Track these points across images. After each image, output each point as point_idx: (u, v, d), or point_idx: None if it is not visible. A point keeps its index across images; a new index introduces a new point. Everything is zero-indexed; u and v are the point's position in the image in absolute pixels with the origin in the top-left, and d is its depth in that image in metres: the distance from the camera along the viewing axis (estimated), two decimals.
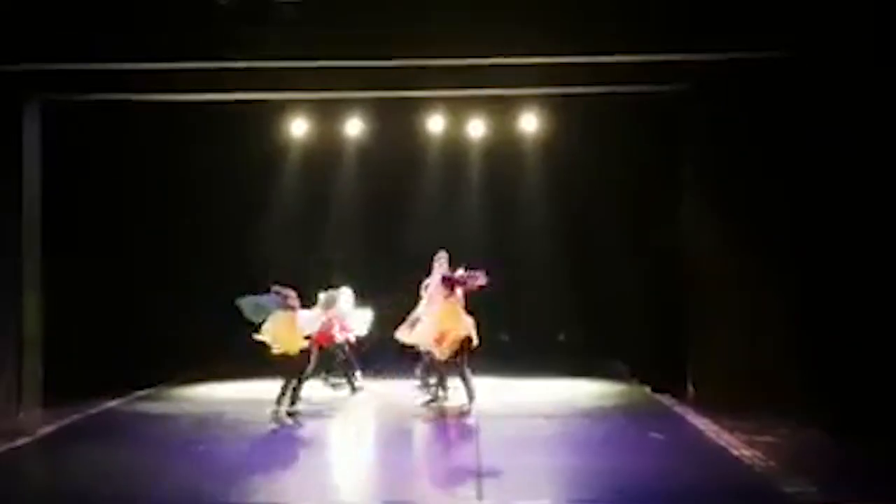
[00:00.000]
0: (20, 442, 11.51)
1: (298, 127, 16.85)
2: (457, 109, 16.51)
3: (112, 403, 13.68)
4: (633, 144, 16.04)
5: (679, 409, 13.07)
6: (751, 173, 12.99)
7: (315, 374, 14.51)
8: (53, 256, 13.80)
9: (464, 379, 12.84)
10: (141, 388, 14.59)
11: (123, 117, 14.95)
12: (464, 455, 11.31)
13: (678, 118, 14.01)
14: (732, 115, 13.07)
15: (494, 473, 10.30)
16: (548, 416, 12.81)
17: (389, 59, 11.94)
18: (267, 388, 14.82)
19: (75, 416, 12.79)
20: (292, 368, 12.70)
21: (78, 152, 14.78)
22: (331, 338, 14.07)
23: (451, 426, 12.80)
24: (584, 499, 9.43)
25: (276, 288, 12.88)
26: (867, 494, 8.86)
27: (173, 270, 16.55)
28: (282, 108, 16.54)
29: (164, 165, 16.32)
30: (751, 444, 10.75)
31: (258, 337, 12.67)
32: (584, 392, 13.93)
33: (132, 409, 13.60)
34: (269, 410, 12.56)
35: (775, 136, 12.86)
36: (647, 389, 14.49)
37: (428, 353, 13.39)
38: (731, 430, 11.42)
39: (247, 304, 12.93)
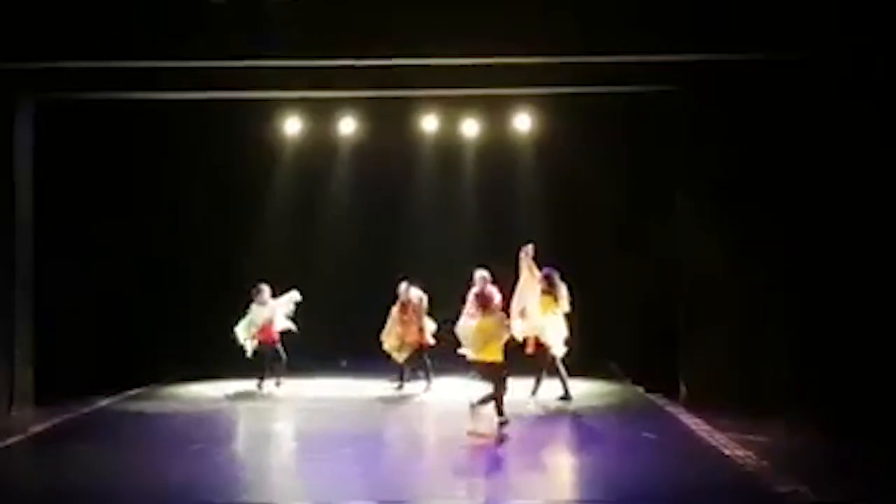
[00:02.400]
0: (12, 441, 11.51)
1: (292, 126, 16.83)
2: (451, 109, 16.50)
3: (104, 402, 13.68)
4: (625, 145, 16.03)
5: (672, 408, 13.09)
6: (743, 175, 13.00)
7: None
8: (45, 256, 13.78)
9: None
10: (133, 388, 14.58)
11: (116, 117, 14.91)
12: (455, 454, 11.31)
13: (671, 119, 14.02)
14: (726, 116, 13.08)
15: (486, 473, 10.31)
16: (541, 416, 12.82)
17: (383, 58, 11.93)
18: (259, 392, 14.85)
19: (67, 415, 12.78)
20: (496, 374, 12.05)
21: (69, 152, 14.73)
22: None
23: (442, 425, 12.81)
24: (576, 498, 9.45)
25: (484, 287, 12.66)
26: (859, 495, 8.88)
27: (166, 270, 16.50)
28: (275, 107, 16.52)
29: (156, 165, 16.27)
30: (743, 444, 10.76)
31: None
32: (578, 392, 13.93)
33: (124, 408, 13.59)
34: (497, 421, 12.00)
35: (769, 137, 12.87)
36: (640, 389, 14.52)
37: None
38: (724, 430, 11.44)
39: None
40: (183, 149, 16.60)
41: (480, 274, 14.67)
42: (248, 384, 14.93)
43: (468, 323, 12.37)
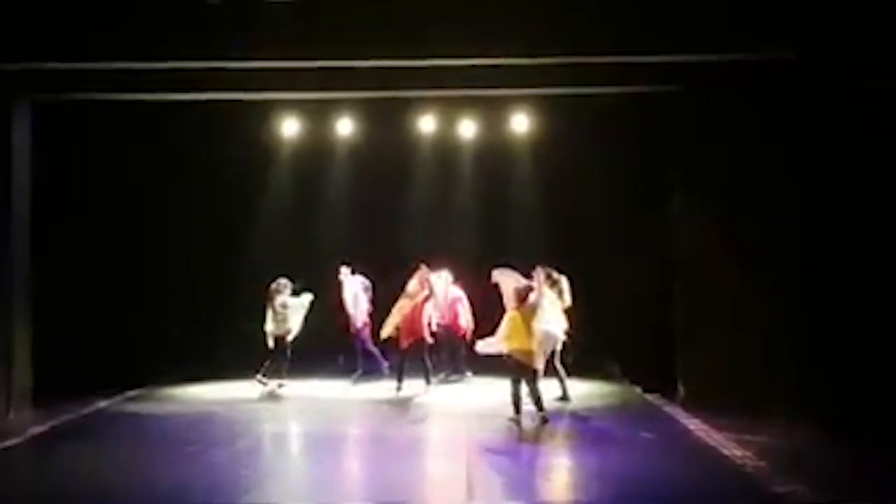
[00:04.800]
0: (10, 442, 11.49)
1: (289, 127, 16.84)
2: (448, 109, 16.51)
3: (102, 404, 13.66)
4: (624, 145, 16.03)
5: (670, 408, 13.10)
6: (739, 175, 13.01)
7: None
8: (43, 257, 13.76)
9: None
10: (131, 389, 14.56)
11: (113, 117, 14.89)
12: (454, 455, 11.31)
13: (669, 119, 14.02)
14: (725, 116, 13.09)
15: (485, 473, 10.31)
16: (539, 416, 12.81)
17: (381, 59, 11.93)
18: (258, 388, 14.85)
19: (66, 417, 12.77)
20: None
21: (67, 152, 14.73)
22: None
23: (441, 426, 12.81)
24: (574, 499, 9.46)
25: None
26: (857, 494, 8.88)
27: (163, 270, 16.49)
28: (273, 108, 16.52)
29: (153, 165, 16.23)
30: (741, 444, 10.77)
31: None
32: (576, 392, 13.92)
33: (122, 409, 13.58)
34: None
35: (765, 137, 12.88)
36: (639, 389, 14.52)
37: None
38: (722, 430, 11.45)
39: None
40: (180, 149, 16.58)
41: (443, 274, 15.12)
42: (246, 385, 14.94)
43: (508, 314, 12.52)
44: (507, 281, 13.10)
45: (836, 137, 12.26)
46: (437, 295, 15.02)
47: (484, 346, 12.88)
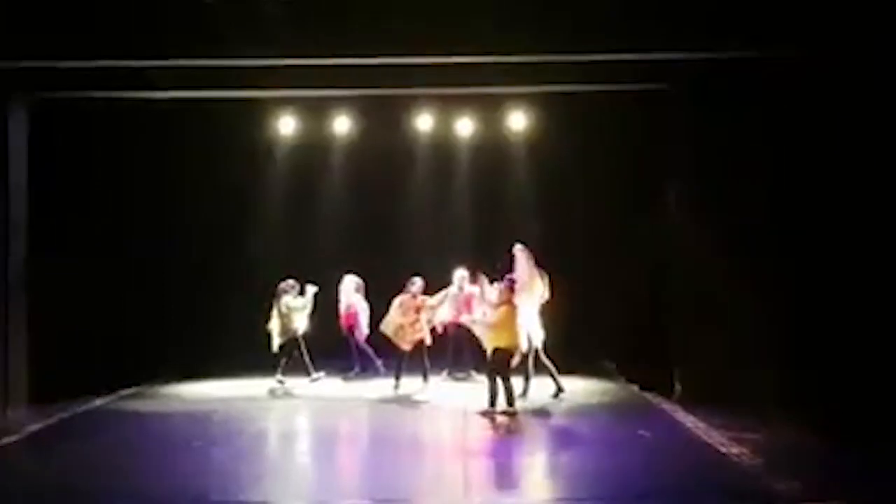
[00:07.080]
0: (7, 440, 11.49)
1: (286, 125, 16.85)
2: (445, 107, 16.52)
3: (99, 402, 13.66)
4: (620, 144, 16.04)
5: (666, 406, 13.11)
6: (735, 174, 13.03)
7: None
8: (39, 255, 13.75)
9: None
10: (127, 387, 14.55)
11: (110, 116, 14.87)
12: (451, 452, 11.32)
13: (664, 117, 14.04)
14: (717, 114, 13.10)
15: (481, 471, 10.33)
16: (535, 414, 12.84)
17: (378, 56, 11.93)
18: (254, 386, 14.87)
19: (62, 415, 12.76)
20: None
21: (64, 151, 14.71)
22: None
23: (438, 424, 12.82)
24: (571, 497, 9.46)
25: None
26: (852, 492, 8.90)
27: (160, 269, 16.47)
28: (269, 105, 16.52)
29: (150, 164, 16.22)
30: (737, 442, 10.79)
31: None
32: (572, 390, 13.94)
33: (119, 407, 13.57)
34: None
35: (759, 136, 12.89)
36: (635, 387, 14.53)
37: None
38: (718, 428, 11.47)
39: None
40: (178, 148, 16.57)
41: (461, 273, 14.90)
42: (241, 384, 14.94)
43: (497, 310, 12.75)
44: (522, 263, 13.20)
45: (830, 137, 12.27)
46: (451, 292, 15.01)
47: (470, 321, 13.41)
